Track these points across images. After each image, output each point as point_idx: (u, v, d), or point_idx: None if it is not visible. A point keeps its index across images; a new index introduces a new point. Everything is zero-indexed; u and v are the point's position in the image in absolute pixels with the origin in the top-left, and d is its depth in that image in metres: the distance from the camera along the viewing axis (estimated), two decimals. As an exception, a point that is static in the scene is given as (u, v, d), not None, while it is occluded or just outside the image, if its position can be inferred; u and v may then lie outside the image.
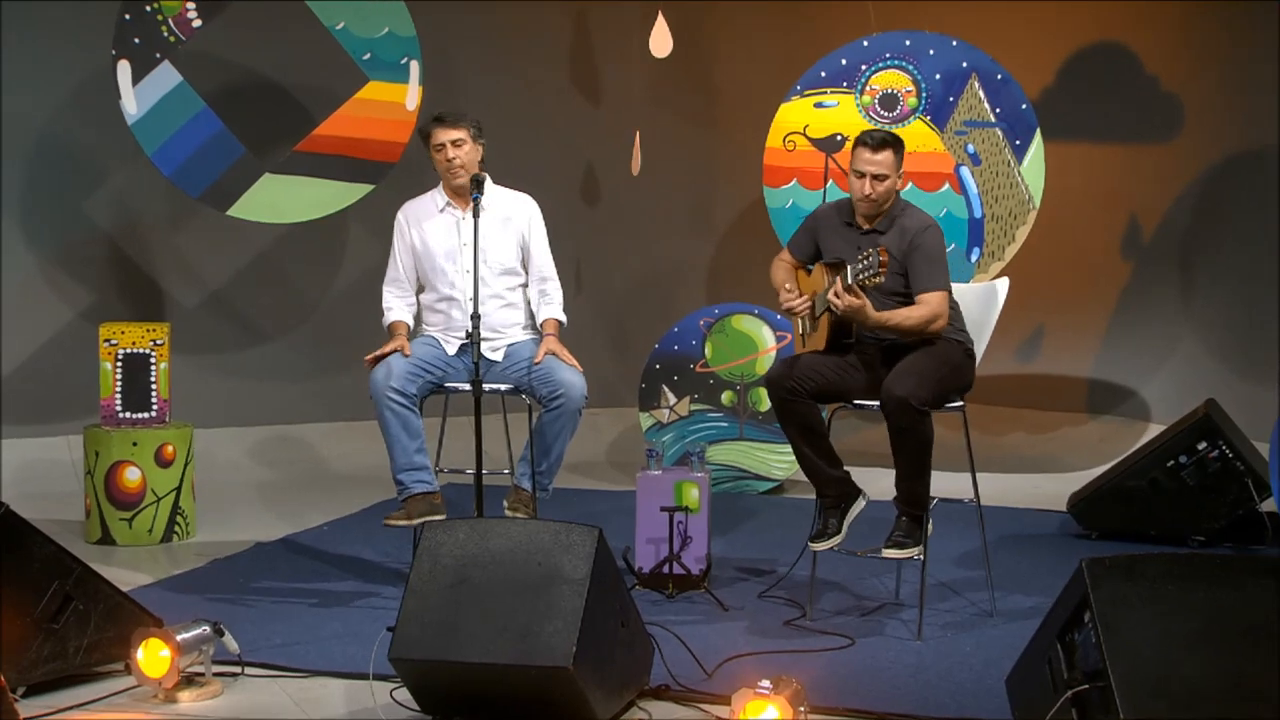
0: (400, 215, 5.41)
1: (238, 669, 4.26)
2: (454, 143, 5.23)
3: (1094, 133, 7.74)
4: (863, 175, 4.86)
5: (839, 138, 6.93)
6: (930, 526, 4.86)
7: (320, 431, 7.65)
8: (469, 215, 5.17)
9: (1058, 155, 7.09)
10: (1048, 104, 7.49)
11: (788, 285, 5.09)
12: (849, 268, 4.69)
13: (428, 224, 5.33)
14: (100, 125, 6.93)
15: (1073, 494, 6.15)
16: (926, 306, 4.81)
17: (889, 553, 4.77)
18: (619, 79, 8.33)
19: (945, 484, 5.06)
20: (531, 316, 5.37)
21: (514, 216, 5.33)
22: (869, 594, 5.17)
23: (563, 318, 5.32)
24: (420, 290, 5.40)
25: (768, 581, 5.26)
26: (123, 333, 5.98)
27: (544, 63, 8.24)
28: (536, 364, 5.12)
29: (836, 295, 4.71)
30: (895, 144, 4.88)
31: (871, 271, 4.62)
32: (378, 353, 5.13)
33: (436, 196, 5.38)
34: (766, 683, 3.65)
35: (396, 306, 5.35)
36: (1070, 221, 7.67)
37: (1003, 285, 5.11)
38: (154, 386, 5.99)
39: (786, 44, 8.13)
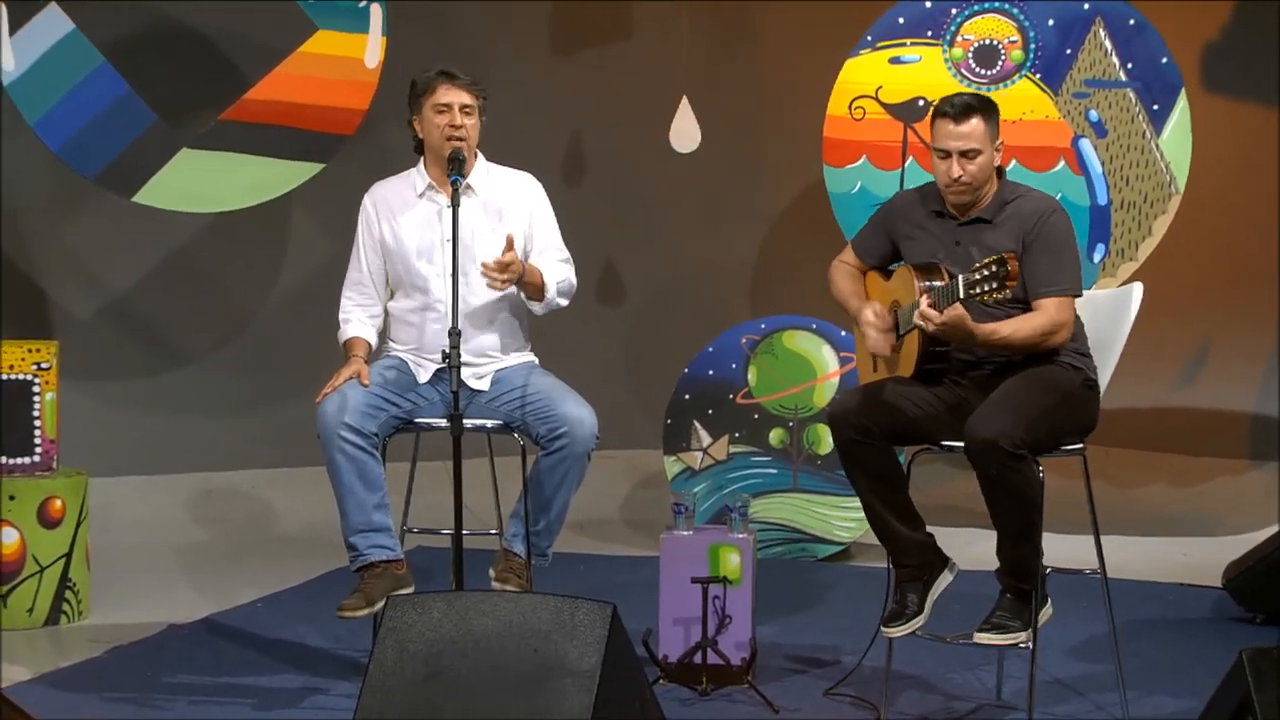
0: (367, 200, 5.39)
1: (145, 787, 4.27)
2: (464, 108, 5.22)
3: (1255, 96, 7.73)
4: (948, 155, 4.83)
5: (921, 103, 6.93)
6: (1050, 608, 4.84)
7: (253, 480, 7.66)
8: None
9: (1208, 125, 7.08)
10: (1194, 59, 7.48)
11: (873, 313, 4.93)
12: (961, 278, 4.58)
13: (402, 213, 5.32)
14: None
15: (1230, 564, 6.12)
16: (1044, 314, 4.76)
17: (985, 638, 4.75)
18: (637, 36, 8.35)
19: (1061, 549, 5.04)
20: (526, 331, 5.37)
21: (511, 206, 5.30)
22: (961, 692, 5.16)
23: (553, 288, 5.21)
24: (391, 295, 5.38)
25: (830, 675, 5.25)
26: (-1, 353, 6.01)
27: (539, 11, 8.26)
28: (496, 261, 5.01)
29: (925, 318, 4.62)
30: (984, 108, 4.86)
31: (996, 284, 4.50)
32: (330, 386, 5.11)
33: (415, 178, 5.34)
34: (830, 806, 3.64)
35: (356, 318, 5.33)
36: (1223, 211, 7.65)
37: (1135, 292, 5.10)
38: (37, 423, 6.00)
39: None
